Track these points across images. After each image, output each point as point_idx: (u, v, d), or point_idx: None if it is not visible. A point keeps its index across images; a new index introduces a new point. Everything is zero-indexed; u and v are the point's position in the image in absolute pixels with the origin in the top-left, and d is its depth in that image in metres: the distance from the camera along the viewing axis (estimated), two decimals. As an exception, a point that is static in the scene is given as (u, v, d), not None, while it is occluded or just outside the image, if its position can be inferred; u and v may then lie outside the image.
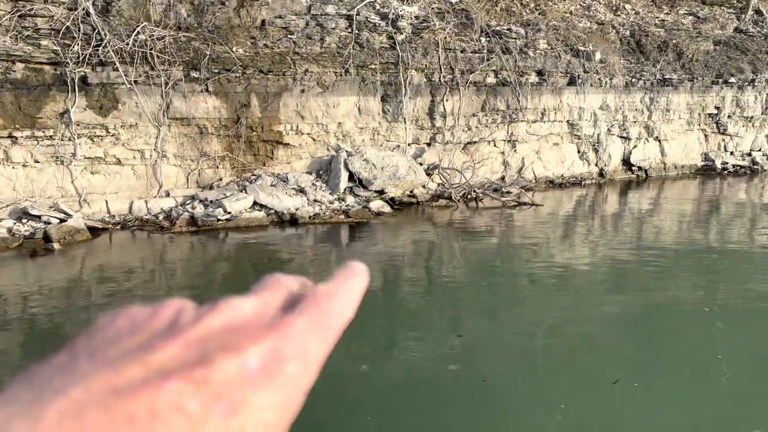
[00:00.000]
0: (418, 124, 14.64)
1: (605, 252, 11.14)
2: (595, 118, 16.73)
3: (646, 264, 10.23)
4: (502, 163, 15.81)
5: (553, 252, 11.03)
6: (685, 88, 17.90)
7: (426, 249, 11.14)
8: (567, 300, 8.47)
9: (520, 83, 15.40)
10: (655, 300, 8.34)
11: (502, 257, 10.82)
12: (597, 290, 8.94)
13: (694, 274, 9.87)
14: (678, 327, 7.40)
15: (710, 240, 12.22)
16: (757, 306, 7.81)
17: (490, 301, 8.52)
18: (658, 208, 15.18)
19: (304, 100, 12.99)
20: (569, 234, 12.56)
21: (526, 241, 11.84)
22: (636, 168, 17.56)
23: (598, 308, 7.97)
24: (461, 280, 9.48)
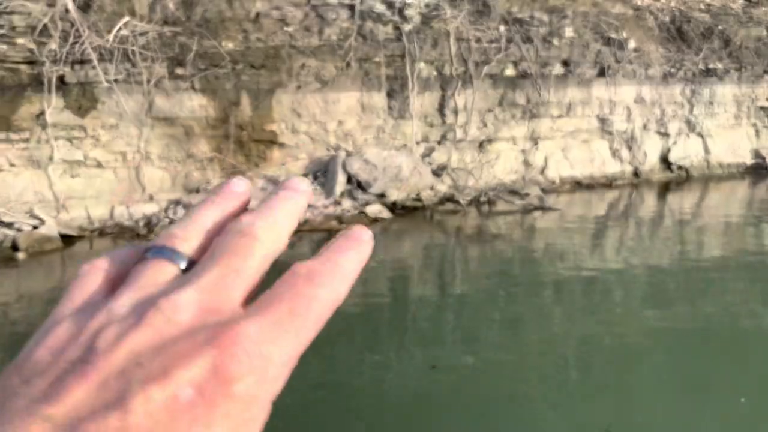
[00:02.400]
0: (428, 121, 13.55)
1: (641, 261, 9.93)
2: (628, 112, 15.22)
3: (690, 274, 9.05)
4: (523, 163, 14.54)
5: (578, 262, 9.88)
6: (732, 78, 16.13)
7: (431, 259, 10.12)
8: (601, 311, 7.63)
9: (542, 75, 14.09)
10: (702, 313, 7.26)
11: (519, 267, 9.76)
12: (633, 302, 8.04)
13: (744, 287, 8.58)
14: (731, 345, 6.52)
15: (764, 248, 10.73)
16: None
17: (509, 312, 7.61)
18: (702, 211, 13.65)
19: (301, 96, 12.12)
20: (596, 242, 11.30)
21: (546, 250, 10.68)
22: (675, 167, 15.94)
23: (637, 322, 7.19)
24: (474, 294, 8.47)
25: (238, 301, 0.34)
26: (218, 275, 0.34)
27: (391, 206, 12.04)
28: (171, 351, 0.31)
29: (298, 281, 0.34)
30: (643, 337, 6.84)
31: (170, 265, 0.36)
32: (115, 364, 0.30)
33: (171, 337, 0.31)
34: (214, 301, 0.33)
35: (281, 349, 0.32)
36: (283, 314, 0.33)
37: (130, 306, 0.33)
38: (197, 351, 0.30)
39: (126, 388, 0.29)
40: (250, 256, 0.35)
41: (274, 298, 0.33)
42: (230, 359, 0.30)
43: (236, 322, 0.32)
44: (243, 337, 0.31)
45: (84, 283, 0.36)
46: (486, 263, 10.10)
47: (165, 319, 0.32)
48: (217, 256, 0.35)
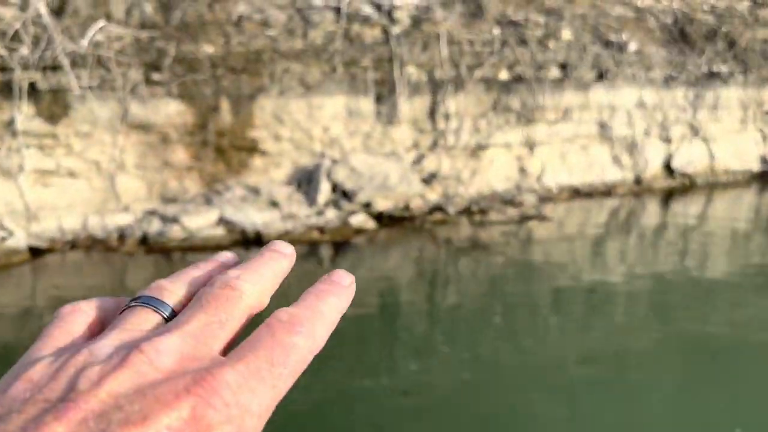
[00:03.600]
0: (418, 126, 13.09)
1: (642, 274, 9.48)
2: (629, 117, 14.67)
3: (695, 288, 8.78)
4: (518, 170, 14.02)
5: (575, 275, 9.40)
6: (737, 81, 15.53)
7: (417, 272, 9.66)
8: (598, 328, 7.33)
9: (538, 79, 13.59)
10: (707, 331, 7.07)
11: (512, 281, 9.30)
12: (633, 318, 7.68)
13: (752, 302, 8.11)
14: (735, 364, 6.20)
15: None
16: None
17: (498, 330, 7.26)
18: (707, 220, 13.07)
19: (283, 102, 11.71)
20: (595, 254, 10.80)
21: (541, 262, 10.19)
22: (679, 174, 15.34)
23: (636, 339, 6.86)
24: (462, 310, 8.05)
25: (219, 350, 0.34)
26: (202, 323, 0.34)
27: (377, 216, 11.58)
28: (151, 395, 0.30)
29: (279, 328, 0.34)
30: (643, 356, 6.48)
31: (155, 314, 0.36)
32: (95, 405, 0.30)
33: (152, 381, 0.31)
34: (195, 348, 0.33)
35: (259, 399, 0.32)
36: (262, 363, 0.33)
37: (112, 347, 0.33)
38: (177, 398, 0.30)
39: (105, 430, 0.29)
40: (233, 307, 0.36)
41: (254, 346, 0.33)
42: (209, 408, 0.31)
43: (216, 370, 0.32)
44: (222, 386, 0.31)
45: (64, 324, 0.36)
46: (476, 276, 9.64)
47: (147, 362, 0.32)
48: (203, 304, 0.35)
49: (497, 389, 5.74)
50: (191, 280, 0.39)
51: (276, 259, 0.40)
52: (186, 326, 0.34)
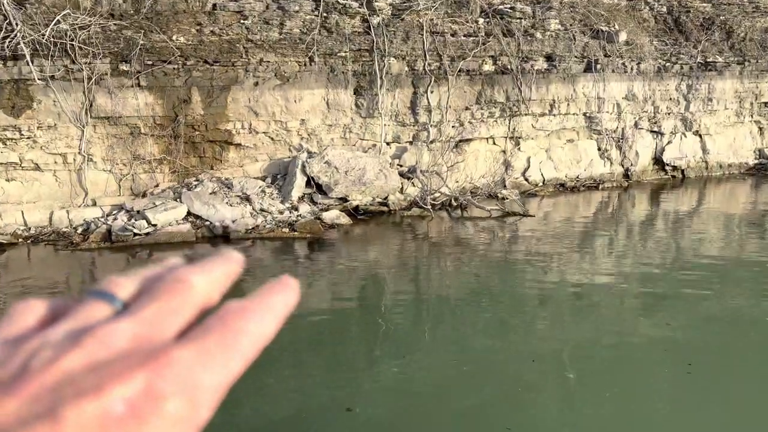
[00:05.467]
0: (399, 119, 12.76)
1: (627, 271, 9.25)
2: (618, 109, 14.27)
3: (682, 284, 8.50)
4: (503, 164, 13.68)
5: (556, 272, 9.16)
6: (733, 72, 15.07)
7: (391, 268, 9.37)
8: (586, 324, 7.11)
9: (523, 70, 13.20)
10: (696, 326, 6.94)
11: (489, 277, 9.05)
12: (623, 314, 7.45)
13: (741, 297, 7.98)
14: (724, 360, 6.00)
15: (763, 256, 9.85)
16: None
17: (471, 330, 7.07)
18: (698, 216, 12.70)
19: (258, 93, 11.40)
20: (579, 250, 10.48)
21: (522, 257, 9.91)
22: (670, 167, 14.95)
23: (621, 334, 6.75)
24: (434, 309, 7.83)
25: (171, 336, 0.35)
26: (154, 310, 0.35)
27: (353, 211, 11.30)
28: (105, 371, 0.31)
29: (229, 315, 0.36)
30: (629, 350, 6.32)
31: (106, 306, 0.37)
32: (48, 381, 0.31)
33: (105, 359, 0.32)
34: (148, 332, 0.34)
35: (211, 376, 0.33)
36: (213, 344, 0.34)
37: (65, 333, 0.34)
38: (130, 371, 0.32)
39: (58, 401, 0.30)
40: (184, 298, 0.36)
41: (206, 329, 0.35)
42: (162, 380, 0.32)
43: (169, 348, 0.33)
44: (175, 361, 0.33)
45: (17, 318, 0.37)
46: (458, 272, 9.37)
47: (100, 343, 0.33)
48: (154, 295, 0.36)
49: (480, 382, 5.67)
50: (143, 276, 0.39)
51: (225, 262, 0.40)
52: (138, 313, 0.35)
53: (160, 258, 0.42)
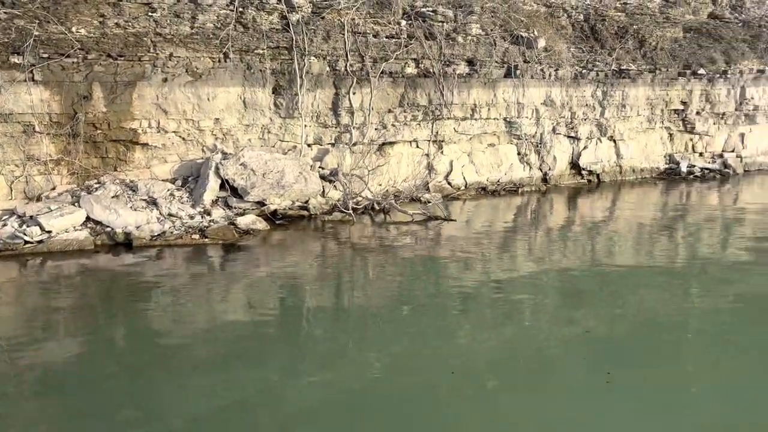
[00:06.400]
0: (320, 120, 12.43)
1: (546, 270, 9.41)
2: (537, 115, 14.52)
3: (599, 283, 8.83)
4: (426, 167, 13.62)
5: (479, 273, 9.18)
6: (645, 80, 15.68)
7: (310, 275, 9.02)
8: (507, 329, 7.10)
9: (445, 74, 13.18)
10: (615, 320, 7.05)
11: (413, 281, 8.90)
12: (543, 319, 7.50)
13: (655, 294, 8.30)
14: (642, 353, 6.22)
15: (673, 255, 10.23)
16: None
17: (411, 329, 6.92)
18: (612, 218, 13.06)
19: (168, 90, 10.77)
20: (501, 251, 10.52)
21: (446, 260, 9.81)
22: (586, 172, 15.38)
23: (545, 333, 6.91)
24: (371, 311, 7.56)
25: None
26: None
27: (271, 215, 10.88)
28: None
29: None
30: (549, 359, 6.33)
31: None
32: None
33: None
34: None
35: None
36: None
37: None
38: None
39: None
40: None
41: None
42: None
43: None
44: None
45: None
46: (381, 277, 9.14)
47: None
48: None
49: (407, 389, 5.59)
50: None
51: None
52: None
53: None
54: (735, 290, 8.53)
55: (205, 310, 7.48)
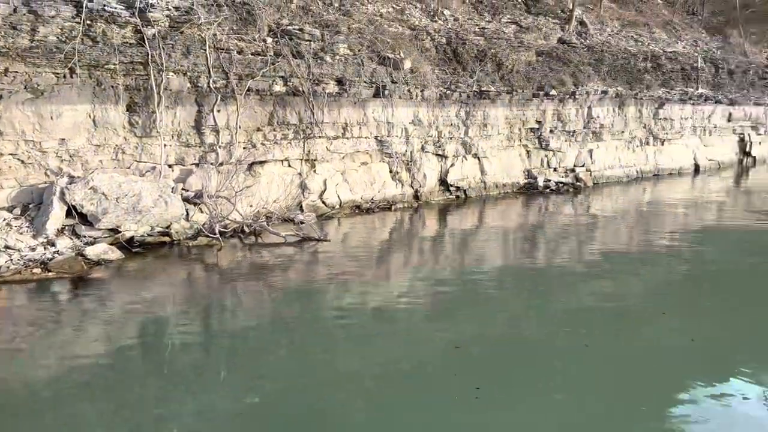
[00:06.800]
0: (182, 140, 11.77)
1: (424, 285, 9.52)
2: (406, 133, 14.85)
3: (472, 292, 9.17)
4: (299, 186, 13.37)
5: (361, 292, 9.05)
6: (504, 101, 16.64)
7: (172, 306, 8.35)
8: (381, 347, 7.09)
9: (315, 93, 13.07)
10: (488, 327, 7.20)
11: (295, 303, 8.61)
12: (416, 335, 7.55)
13: (523, 301, 8.81)
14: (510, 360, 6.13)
15: (536, 262, 10.75)
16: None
17: (287, 354, 6.67)
18: (479, 231, 13.59)
19: (3, 109, 9.65)
20: (377, 269, 10.50)
21: (320, 282, 9.59)
22: (454, 188, 15.96)
23: (418, 356, 6.86)
24: (243, 339, 7.13)
25: None
26: None
27: (127, 243, 10.04)
28: None
29: None
30: (421, 377, 6.33)
31: None
32: None
33: None
34: None
35: None
36: None
37: None
38: None
39: None
40: None
41: None
42: None
43: None
44: None
45: None
46: (253, 303, 8.72)
47: None
48: None
49: (283, 416, 5.47)
50: None
51: None
52: None
53: None
54: (593, 293, 9.15)
55: (47, 355, 6.66)
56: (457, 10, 18.55)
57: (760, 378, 6.41)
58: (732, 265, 10.82)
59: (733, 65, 24.83)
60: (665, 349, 7.13)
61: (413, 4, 17.43)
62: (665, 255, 11.69)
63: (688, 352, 7.07)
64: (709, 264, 11.07)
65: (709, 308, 8.64)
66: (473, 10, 19.32)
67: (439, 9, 17.79)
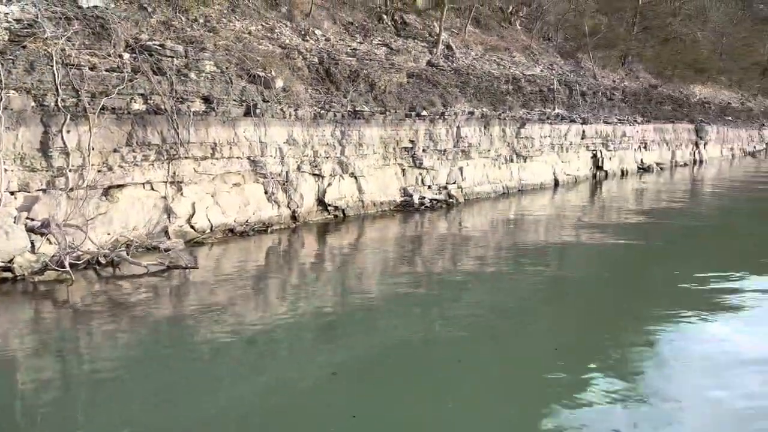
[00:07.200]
0: (26, 164, 10.59)
1: (302, 312, 9.14)
2: (281, 153, 14.52)
3: (355, 313, 9.06)
4: (164, 211, 12.54)
5: (237, 322, 8.52)
6: (378, 121, 16.87)
7: (32, 348, 7.36)
8: (259, 375, 6.87)
9: (179, 111, 12.38)
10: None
11: (161, 339, 7.93)
12: (297, 353, 7.47)
13: (408, 318, 8.72)
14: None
15: (418, 280, 10.79)
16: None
17: (155, 393, 5.97)
18: (359, 250, 13.53)
19: None
20: (255, 295, 10.00)
21: (189, 312, 8.95)
22: (332, 208, 15.84)
23: (301, 374, 6.80)
24: (104, 380, 6.16)
25: None
26: None
27: (-43, 282, 8.78)
28: None
29: None
30: (297, 409, 6.05)
31: None
32: None
33: None
34: None
35: None
36: None
37: None
38: None
39: None
40: None
41: None
42: None
43: None
44: None
45: None
46: (102, 345, 7.89)
47: None
48: None
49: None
50: None
51: None
52: None
53: None
54: (472, 305, 9.37)
55: None
56: (329, 30, 18.62)
57: (612, 378, 6.85)
58: (584, 274, 11.64)
59: (584, 87, 27.20)
60: (530, 360, 7.43)
61: (283, 23, 17.24)
62: (531, 266, 12.34)
63: (550, 359, 7.41)
64: (567, 275, 11.84)
65: (568, 315, 9.18)
66: (344, 31, 19.51)
67: (310, 28, 17.74)
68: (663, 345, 7.98)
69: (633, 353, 7.72)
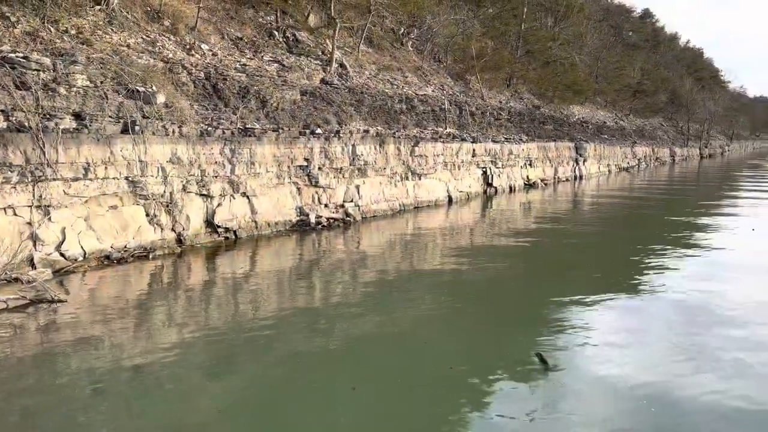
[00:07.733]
0: None
1: (191, 339, 8.56)
2: (164, 173, 13.66)
3: (250, 338, 8.63)
4: (30, 239, 11.32)
5: (116, 357, 7.73)
6: (270, 138, 16.40)
7: None
8: (149, 409, 6.41)
9: (45, 129, 11.29)
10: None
11: (23, 380, 6.92)
12: (182, 389, 6.91)
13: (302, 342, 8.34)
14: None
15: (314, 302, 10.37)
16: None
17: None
18: (253, 273, 12.94)
19: None
20: (135, 329, 9.11)
21: (60, 352, 8.02)
22: (222, 229, 15.11)
23: (185, 413, 6.36)
24: None
25: None
26: None
27: None
28: None
29: None
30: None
31: None
32: None
33: None
34: None
35: None
36: None
37: None
38: None
39: None
40: None
41: None
42: None
43: None
44: None
45: None
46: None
47: None
48: None
49: None
50: None
51: None
52: None
53: None
54: (368, 326, 9.13)
55: None
56: (216, 45, 17.95)
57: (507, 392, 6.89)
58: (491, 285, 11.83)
59: (473, 107, 28.25)
60: (429, 379, 7.32)
61: (166, 37, 16.39)
62: (429, 283, 12.38)
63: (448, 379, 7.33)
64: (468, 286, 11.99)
65: (463, 331, 9.22)
66: (233, 46, 18.92)
67: (195, 42, 17.00)
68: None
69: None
